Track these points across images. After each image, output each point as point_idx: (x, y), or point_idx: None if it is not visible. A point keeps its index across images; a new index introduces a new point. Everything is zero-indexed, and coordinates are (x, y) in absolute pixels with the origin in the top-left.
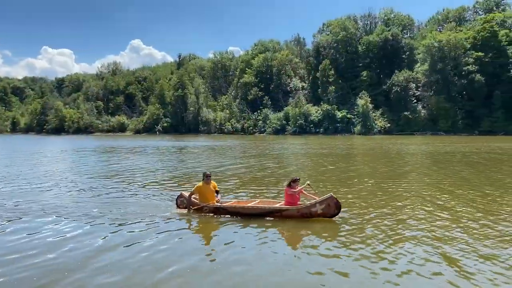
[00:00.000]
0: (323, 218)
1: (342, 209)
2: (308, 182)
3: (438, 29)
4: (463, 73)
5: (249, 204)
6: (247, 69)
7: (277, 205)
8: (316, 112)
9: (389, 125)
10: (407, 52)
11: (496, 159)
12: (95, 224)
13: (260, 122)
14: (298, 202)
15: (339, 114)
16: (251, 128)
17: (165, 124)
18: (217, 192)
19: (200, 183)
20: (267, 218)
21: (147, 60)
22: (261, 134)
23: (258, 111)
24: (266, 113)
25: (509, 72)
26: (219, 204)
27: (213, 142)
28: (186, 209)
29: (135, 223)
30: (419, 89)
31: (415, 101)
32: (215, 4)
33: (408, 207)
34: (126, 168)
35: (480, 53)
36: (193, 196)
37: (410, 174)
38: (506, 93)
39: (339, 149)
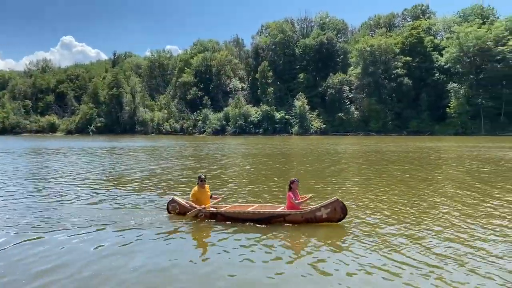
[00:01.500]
0: (328, 223)
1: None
2: (311, 195)
3: (370, 34)
4: (393, 76)
5: (249, 209)
6: (186, 68)
7: (279, 210)
8: (256, 112)
9: (324, 125)
10: (341, 56)
11: (416, 158)
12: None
13: (200, 122)
14: (301, 206)
15: (277, 115)
16: (190, 128)
17: (99, 125)
18: (211, 197)
19: (195, 188)
20: (264, 224)
21: (79, 57)
22: (201, 135)
23: (198, 111)
24: (206, 113)
25: (433, 76)
26: (214, 209)
27: (147, 143)
28: (178, 215)
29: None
30: (352, 92)
31: (348, 103)
32: (152, 1)
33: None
34: (48, 171)
35: (408, 58)
36: (186, 201)
37: (345, 172)
38: (431, 96)
39: (277, 149)
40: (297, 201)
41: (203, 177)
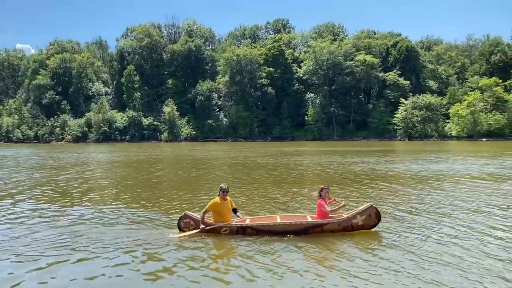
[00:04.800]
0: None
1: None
2: (343, 202)
3: (237, 44)
4: (258, 85)
5: (278, 219)
6: (41, 70)
7: (309, 219)
8: (122, 118)
9: (194, 132)
10: (210, 64)
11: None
12: None
13: (58, 129)
14: (331, 214)
15: (145, 121)
16: (46, 135)
17: None
18: (234, 210)
19: (217, 198)
20: (298, 235)
21: None
22: (59, 142)
23: (55, 116)
24: (65, 119)
25: (293, 87)
26: (240, 222)
27: None
28: (195, 231)
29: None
30: (221, 99)
31: (217, 110)
32: None
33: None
34: None
35: (271, 69)
36: (202, 215)
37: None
38: (291, 104)
39: (136, 157)
40: (329, 209)
41: (225, 187)
